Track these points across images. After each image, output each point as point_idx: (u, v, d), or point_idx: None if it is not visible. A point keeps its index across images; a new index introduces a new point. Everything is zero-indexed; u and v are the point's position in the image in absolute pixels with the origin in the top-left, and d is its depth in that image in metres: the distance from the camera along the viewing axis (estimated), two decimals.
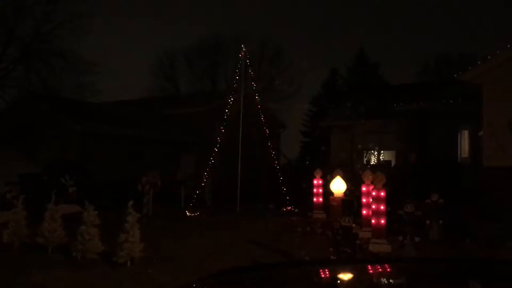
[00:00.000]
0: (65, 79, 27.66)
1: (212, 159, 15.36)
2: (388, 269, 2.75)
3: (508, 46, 13.39)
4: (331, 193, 12.63)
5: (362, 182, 10.62)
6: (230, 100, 15.85)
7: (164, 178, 14.92)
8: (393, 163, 20.59)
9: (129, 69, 68.96)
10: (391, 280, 2.55)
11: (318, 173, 13.78)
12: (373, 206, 9.14)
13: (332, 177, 12.92)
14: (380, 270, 2.74)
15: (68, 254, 7.76)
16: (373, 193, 9.21)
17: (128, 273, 7.02)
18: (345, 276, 2.59)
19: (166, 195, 15.01)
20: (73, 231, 7.98)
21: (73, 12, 26.48)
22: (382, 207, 8.95)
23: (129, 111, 26.10)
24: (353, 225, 7.60)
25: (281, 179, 15.19)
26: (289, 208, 14.53)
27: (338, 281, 2.48)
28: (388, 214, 9.50)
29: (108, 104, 28.04)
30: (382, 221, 8.90)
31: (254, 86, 15.97)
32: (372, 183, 9.71)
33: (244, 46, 15.85)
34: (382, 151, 21.97)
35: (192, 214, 14.13)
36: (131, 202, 7.57)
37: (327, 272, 2.67)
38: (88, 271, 7.09)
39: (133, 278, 6.80)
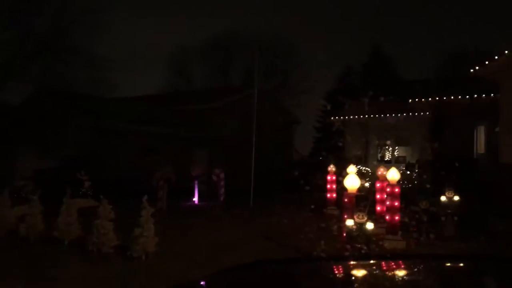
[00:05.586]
0: (80, 75, 27.86)
1: (225, 155, 15.41)
2: (402, 266, 2.72)
3: None
4: (345, 189, 12.57)
5: (376, 178, 10.55)
6: (244, 95, 15.85)
7: (178, 173, 14.99)
8: (408, 159, 20.44)
9: (143, 65, 69.30)
10: (405, 277, 2.53)
11: (332, 169, 13.71)
12: (388, 203, 9.09)
13: (346, 173, 12.85)
14: (394, 266, 2.72)
15: (84, 248, 7.84)
16: (388, 189, 9.16)
17: (142, 267, 7.08)
18: (359, 273, 2.58)
19: (180, 190, 15.07)
20: (88, 225, 8.06)
21: (90, 8, 26.63)
22: (396, 204, 8.89)
23: (143, 106, 26.23)
24: (367, 221, 7.57)
25: (296, 175, 15.11)
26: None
27: (352, 278, 2.46)
28: (402, 210, 9.45)
29: (122, 100, 28.21)
30: (397, 218, 8.85)
31: (273, 82, 15.89)
32: (386, 179, 9.64)
33: (258, 41, 15.81)
34: (396, 147, 21.83)
35: (206, 209, 14.24)
36: (145, 197, 7.63)
37: (340, 268, 2.66)
38: (103, 265, 7.17)
39: (147, 272, 6.85)
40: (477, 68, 13.99)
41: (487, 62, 13.84)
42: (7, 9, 25.04)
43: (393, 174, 8.94)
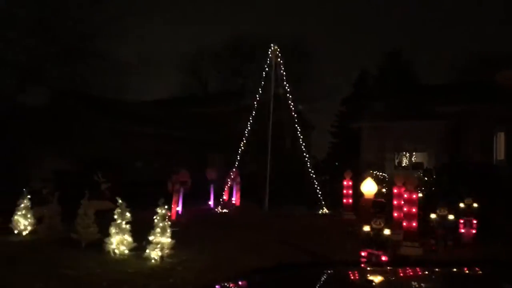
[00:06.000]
0: (97, 78, 28.16)
1: (240, 159, 15.43)
2: (419, 273, 2.70)
3: None
4: (362, 195, 12.48)
5: (393, 184, 10.46)
6: (259, 99, 15.84)
7: (194, 176, 15.03)
8: (425, 165, 20.22)
9: (158, 68, 69.63)
10: (422, 284, 2.51)
11: (348, 175, 13.65)
12: (405, 209, 8.99)
13: (363, 179, 12.77)
14: (411, 273, 2.70)
15: (101, 249, 7.92)
16: (405, 196, 9.07)
17: (157, 269, 7.12)
18: (376, 278, 2.56)
19: (195, 193, 15.11)
20: (105, 227, 8.14)
21: (113, 14, 26.99)
22: (414, 210, 8.80)
23: (158, 110, 26.40)
24: (384, 227, 7.49)
25: (314, 181, 15.02)
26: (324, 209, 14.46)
27: (368, 284, 2.45)
28: (420, 217, 9.33)
29: (138, 103, 28.42)
30: (414, 224, 8.75)
31: (287, 86, 15.80)
32: (403, 185, 9.55)
33: (274, 45, 15.74)
34: (414, 153, 21.61)
35: (221, 212, 14.31)
36: (162, 200, 7.68)
37: (356, 275, 2.65)
38: (119, 266, 7.23)
39: (162, 274, 6.88)
40: (497, 73, 13.82)
41: (507, 68, 13.67)
42: (32, 14, 25.49)
43: (410, 180, 8.86)
